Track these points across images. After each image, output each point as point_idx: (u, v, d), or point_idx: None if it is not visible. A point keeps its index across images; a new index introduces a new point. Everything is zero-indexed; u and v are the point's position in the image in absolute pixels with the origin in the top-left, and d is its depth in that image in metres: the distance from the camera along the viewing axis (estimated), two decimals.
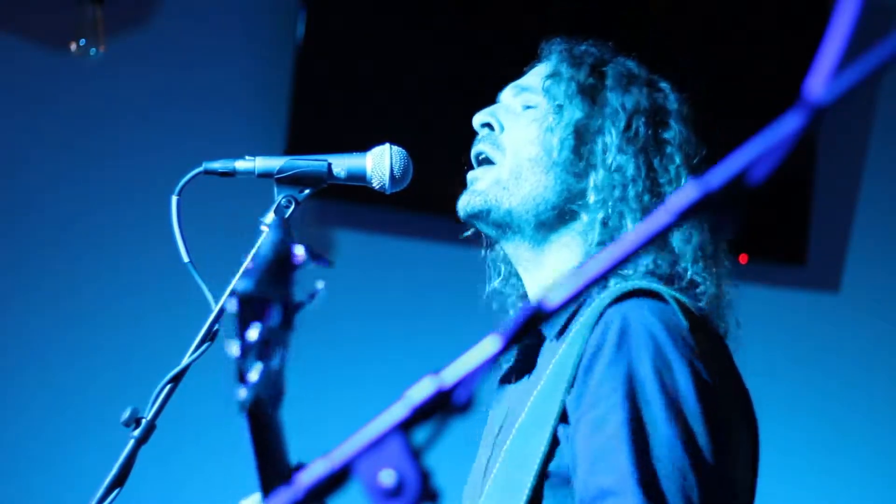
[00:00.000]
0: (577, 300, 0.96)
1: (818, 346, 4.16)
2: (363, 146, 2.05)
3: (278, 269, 1.24)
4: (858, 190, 4.22)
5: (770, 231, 4.09)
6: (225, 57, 3.92)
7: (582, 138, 1.96)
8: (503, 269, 2.10)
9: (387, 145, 2.03)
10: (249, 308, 1.21)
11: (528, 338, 1.94)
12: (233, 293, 1.21)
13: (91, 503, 1.81)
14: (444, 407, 0.95)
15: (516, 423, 1.82)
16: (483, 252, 2.13)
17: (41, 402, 3.74)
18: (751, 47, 4.10)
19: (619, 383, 1.70)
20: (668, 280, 1.88)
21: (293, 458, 1.40)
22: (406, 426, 0.94)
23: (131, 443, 1.85)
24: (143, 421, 1.85)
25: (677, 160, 1.97)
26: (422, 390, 0.95)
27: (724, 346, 1.87)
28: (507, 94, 2.08)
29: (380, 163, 2.01)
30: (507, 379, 1.99)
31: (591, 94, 1.99)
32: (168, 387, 1.87)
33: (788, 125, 0.87)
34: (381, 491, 0.93)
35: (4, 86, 3.83)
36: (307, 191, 1.99)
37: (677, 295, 1.81)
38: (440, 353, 2.09)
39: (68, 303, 3.78)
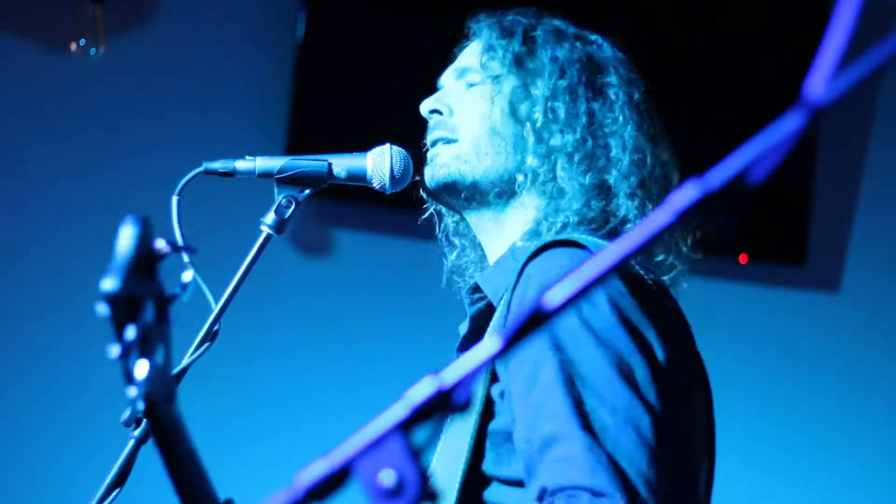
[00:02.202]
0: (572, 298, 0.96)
1: (818, 346, 4.16)
2: (363, 146, 2.05)
3: (142, 264, 1.23)
4: (858, 190, 4.22)
5: (770, 231, 4.09)
6: (225, 57, 3.92)
7: (523, 101, 2.00)
8: (457, 241, 2.13)
9: (387, 145, 2.03)
10: (121, 308, 1.21)
11: (481, 302, 1.96)
12: (101, 296, 1.20)
13: (91, 503, 1.81)
14: (444, 407, 0.95)
15: None
16: (438, 233, 2.16)
17: (41, 402, 3.74)
18: (751, 47, 4.10)
19: (544, 335, 1.70)
20: (601, 222, 1.91)
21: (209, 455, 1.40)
22: (406, 426, 0.94)
23: (131, 443, 1.85)
24: (144, 421, 1.85)
25: (621, 99, 2.00)
26: (422, 390, 0.95)
27: (667, 305, 1.85)
28: (449, 78, 2.13)
29: (380, 163, 2.02)
30: (461, 348, 2.00)
31: (525, 59, 2.03)
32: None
33: (788, 125, 0.88)
34: (381, 491, 0.93)
35: (4, 86, 3.83)
36: (307, 191, 1.99)
37: (599, 241, 1.83)
38: (440, 353, 2.09)
39: (68, 302, 3.78)
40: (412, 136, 2.15)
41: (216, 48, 3.93)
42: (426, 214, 2.13)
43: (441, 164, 2.01)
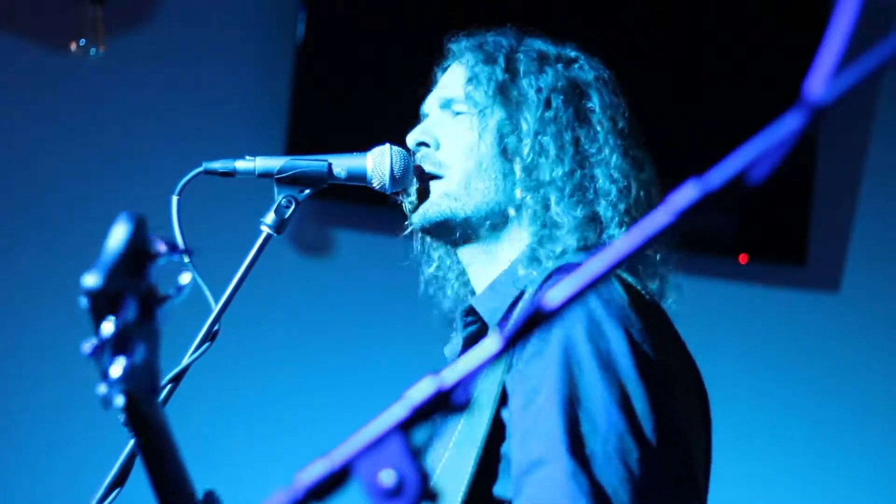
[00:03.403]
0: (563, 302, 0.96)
1: (818, 346, 4.16)
2: (363, 146, 2.05)
3: (131, 262, 1.22)
4: (858, 190, 4.22)
5: (770, 231, 4.09)
6: (225, 57, 3.92)
7: (509, 135, 1.98)
8: (434, 255, 2.14)
9: (387, 145, 2.03)
10: (101, 303, 1.20)
11: (474, 325, 1.96)
12: (82, 290, 1.19)
13: (91, 503, 1.81)
14: (444, 407, 0.95)
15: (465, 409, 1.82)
16: (416, 246, 2.16)
17: (41, 402, 3.74)
18: (751, 47, 4.10)
19: (552, 354, 1.70)
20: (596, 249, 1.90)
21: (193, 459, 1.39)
22: (406, 426, 0.94)
23: (131, 443, 1.85)
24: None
25: (605, 126, 1.99)
26: (422, 390, 0.95)
27: (667, 321, 1.86)
28: (433, 107, 2.10)
29: (380, 163, 2.01)
30: None
31: (510, 88, 2.01)
32: (168, 387, 1.87)
33: (788, 125, 0.88)
34: (381, 491, 0.93)
35: (4, 86, 3.82)
36: (307, 191, 1.99)
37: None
38: (440, 353, 2.09)
39: (68, 302, 3.77)
40: None
41: (216, 48, 3.93)
42: (407, 232, 2.11)
43: (432, 203, 2.00)
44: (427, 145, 2.04)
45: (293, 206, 1.97)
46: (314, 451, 1.08)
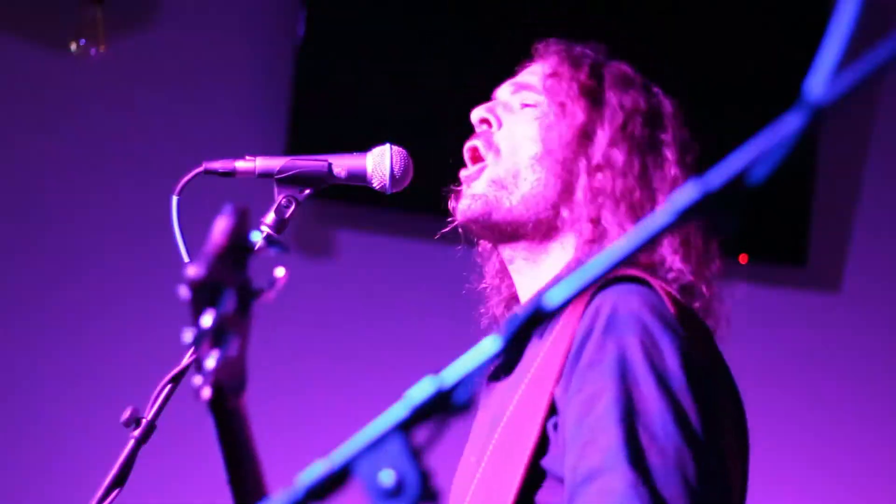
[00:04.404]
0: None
1: (818, 346, 4.16)
2: (363, 146, 2.05)
3: (232, 254, 1.22)
4: (858, 190, 4.22)
5: (770, 231, 4.09)
6: (225, 57, 3.92)
7: (583, 137, 1.97)
8: (487, 268, 2.11)
9: (387, 145, 2.03)
10: (202, 294, 1.20)
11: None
12: (184, 280, 1.19)
13: (91, 503, 1.81)
14: (444, 407, 0.95)
15: (503, 420, 1.82)
16: (460, 248, 2.12)
17: (41, 402, 3.74)
18: (751, 47, 4.10)
19: (608, 365, 1.69)
20: (657, 274, 1.88)
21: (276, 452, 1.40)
22: (406, 426, 0.94)
23: (131, 443, 1.85)
24: (143, 421, 1.85)
25: (671, 159, 1.98)
26: (422, 390, 0.95)
27: (710, 337, 1.86)
28: (505, 91, 2.07)
29: (380, 163, 2.01)
30: (494, 376, 1.97)
31: (591, 94, 2.00)
32: (168, 387, 1.87)
33: (788, 125, 0.88)
34: (381, 491, 0.93)
35: (4, 86, 3.83)
36: (307, 191, 1.99)
37: (663, 284, 1.82)
38: (440, 353, 2.09)
39: (68, 302, 3.78)
40: (412, 135, 2.15)
41: (216, 48, 3.93)
42: (445, 230, 2.06)
43: (478, 195, 1.97)
44: (489, 124, 2.02)
45: (293, 206, 1.97)
46: (314, 451, 1.08)
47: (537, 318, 0.95)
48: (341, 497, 0.96)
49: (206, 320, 1.19)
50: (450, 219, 2.03)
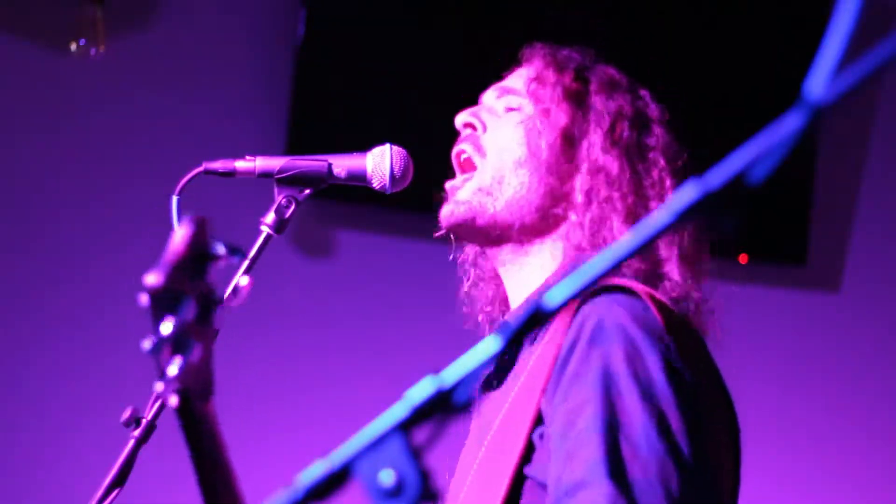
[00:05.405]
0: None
1: (818, 346, 4.16)
2: (363, 146, 2.05)
3: (192, 263, 1.23)
4: (858, 190, 4.22)
5: (770, 231, 4.09)
6: (225, 56, 3.92)
7: (568, 141, 1.97)
8: (472, 272, 2.10)
9: (387, 145, 2.03)
10: (161, 302, 1.21)
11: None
12: (144, 288, 1.20)
13: (91, 503, 1.81)
14: (444, 407, 0.95)
15: (492, 429, 1.82)
16: (452, 254, 2.12)
17: (41, 402, 3.74)
18: (751, 47, 4.10)
19: (592, 377, 1.69)
20: (648, 280, 1.87)
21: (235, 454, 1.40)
22: (406, 426, 0.94)
23: (131, 443, 1.85)
24: (143, 421, 1.85)
25: (660, 164, 1.97)
26: (422, 390, 0.95)
27: (701, 344, 1.85)
28: (490, 96, 2.07)
29: (380, 163, 2.01)
30: (486, 386, 1.97)
31: (576, 98, 2.00)
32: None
33: (788, 125, 0.88)
34: (381, 491, 0.93)
35: (4, 86, 3.82)
36: (307, 191, 1.99)
37: (652, 292, 1.81)
38: (440, 353, 2.09)
39: (68, 302, 3.78)
40: (412, 136, 2.15)
41: (216, 48, 3.93)
42: (442, 232, 2.06)
43: (462, 202, 1.97)
44: (473, 128, 2.02)
45: (293, 206, 1.97)
46: (314, 451, 1.08)
47: (537, 319, 0.95)
48: (341, 497, 0.96)
49: (166, 327, 1.20)
50: (436, 230, 2.04)
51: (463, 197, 1.98)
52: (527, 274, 1.97)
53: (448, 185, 2.02)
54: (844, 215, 4.21)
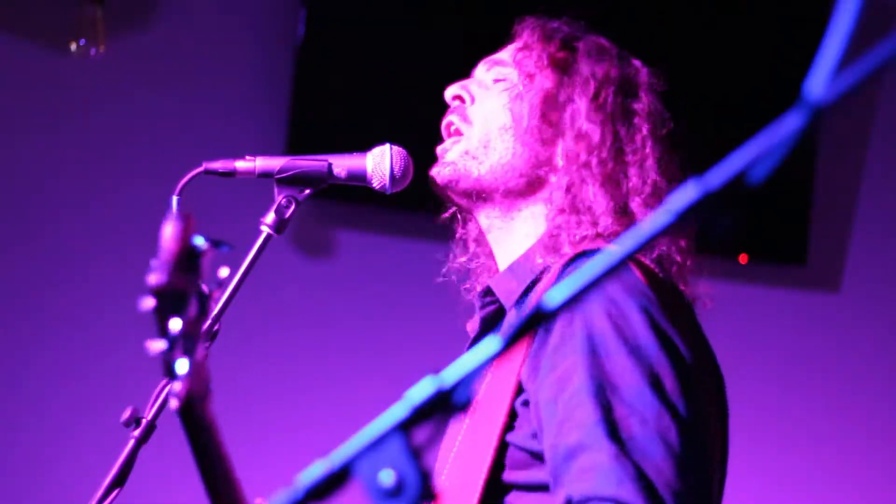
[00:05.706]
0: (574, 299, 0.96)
1: (818, 346, 4.16)
2: (363, 146, 2.05)
3: (186, 259, 1.23)
4: (858, 190, 4.22)
5: (770, 231, 4.09)
6: (225, 56, 3.92)
7: (551, 106, 1.99)
8: (472, 247, 2.12)
9: (387, 145, 2.03)
10: (166, 301, 1.20)
11: (492, 305, 1.96)
12: (147, 289, 1.20)
13: (91, 503, 1.81)
14: (444, 407, 0.95)
15: (475, 402, 1.82)
16: (457, 231, 2.14)
17: (41, 402, 3.74)
18: (751, 47, 4.10)
19: (577, 341, 1.70)
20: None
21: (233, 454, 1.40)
22: (406, 426, 0.94)
23: (131, 443, 1.85)
24: (143, 421, 1.85)
25: (644, 130, 1.99)
26: (422, 390, 0.95)
27: (685, 305, 1.86)
28: (480, 69, 2.11)
29: (380, 163, 2.01)
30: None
31: (561, 65, 2.02)
32: (168, 386, 1.87)
33: (788, 125, 0.88)
34: (381, 491, 0.93)
35: (4, 86, 3.82)
36: (307, 191, 1.99)
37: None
38: (440, 353, 2.09)
39: (68, 302, 3.78)
40: (412, 135, 2.15)
41: (216, 48, 3.93)
42: (447, 214, 2.11)
43: (447, 162, 2.01)
44: (462, 100, 2.05)
45: (293, 206, 1.97)
46: (314, 451, 1.08)
47: (537, 319, 0.95)
48: (341, 497, 0.96)
49: (175, 326, 1.19)
50: (436, 230, 2.06)
51: (450, 158, 2.01)
52: (514, 238, 1.99)
53: (438, 148, 2.05)
54: (844, 215, 4.21)
